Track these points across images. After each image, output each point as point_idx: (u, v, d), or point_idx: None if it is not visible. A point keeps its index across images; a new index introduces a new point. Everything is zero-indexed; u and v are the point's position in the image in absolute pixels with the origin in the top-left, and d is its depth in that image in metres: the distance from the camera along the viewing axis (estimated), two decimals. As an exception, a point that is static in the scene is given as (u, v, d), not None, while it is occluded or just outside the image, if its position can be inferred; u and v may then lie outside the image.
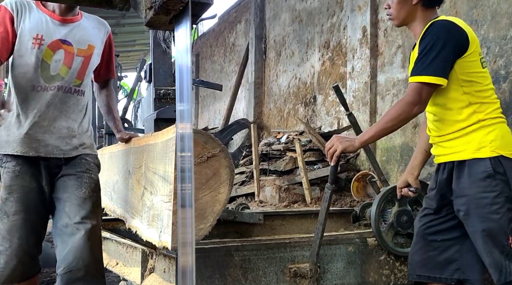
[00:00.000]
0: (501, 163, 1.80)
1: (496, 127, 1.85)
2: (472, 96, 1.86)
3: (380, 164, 3.96)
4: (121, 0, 1.20)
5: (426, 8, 1.95)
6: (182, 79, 1.10)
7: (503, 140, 1.84)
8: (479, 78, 1.87)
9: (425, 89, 1.80)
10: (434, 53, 1.80)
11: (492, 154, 1.81)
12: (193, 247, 1.07)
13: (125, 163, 2.34)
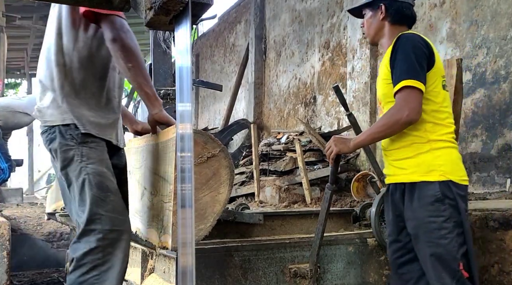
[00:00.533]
0: (450, 188, 1.78)
1: (446, 152, 1.83)
2: (426, 114, 1.82)
3: (380, 165, 3.96)
4: (121, 1, 1.20)
5: (393, 24, 1.95)
6: (182, 79, 1.10)
7: (453, 166, 1.82)
8: (437, 97, 1.85)
9: (411, 93, 1.76)
10: (410, 61, 1.78)
11: (440, 178, 1.79)
12: (193, 247, 1.07)
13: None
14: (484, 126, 3.71)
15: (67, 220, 4.42)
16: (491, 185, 3.62)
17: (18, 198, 7.28)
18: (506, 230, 2.59)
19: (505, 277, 2.57)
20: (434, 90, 1.84)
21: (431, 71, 1.83)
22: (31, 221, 6.08)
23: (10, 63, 11.64)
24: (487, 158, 3.67)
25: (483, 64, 3.76)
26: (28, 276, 5.59)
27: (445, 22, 4.10)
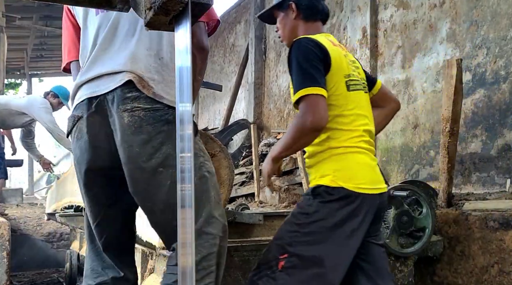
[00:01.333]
0: (332, 194, 1.68)
1: (346, 157, 1.72)
2: (329, 121, 1.69)
3: (380, 165, 3.96)
4: (121, 1, 1.20)
5: (307, 21, 1.88)
6: (182, 79, 1.10)
7: (349, 171, 1.70)
8: (339, 101, 1.73)
9: (311, 100, 1.64)
10: (304, 68, 1.68)
11: (331, 184, 1.69)
12: (193, 247, 1.07)
13: None
14: (484, 126, 3.71)
15: (67, 220, 4.43)
16: (491, 185, 3.62)
17: (18, 198, 7.28)
18: (506, 230, 2.59)
19: (505, 277, 2.57)
20: (334, 94, 1.72)
21: (329, 74, 1.72)
22: (31, 221, 6.09)
23: (10, 64, 11.65)
24: (487, 158, 3.67)
25: (483, 65, 3.76)
26: (28, 276, 5.59)
27: (445, 22, 4.10)
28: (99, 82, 1.58)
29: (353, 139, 1.74)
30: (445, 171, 2.98)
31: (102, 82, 1.58)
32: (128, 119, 1.50)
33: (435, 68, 4.20)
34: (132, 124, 1.50)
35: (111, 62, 1.59)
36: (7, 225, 3.80)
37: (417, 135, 4.37)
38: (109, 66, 1.59)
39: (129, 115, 1.50)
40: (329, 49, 1.73)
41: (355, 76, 1.81)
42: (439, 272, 2.90)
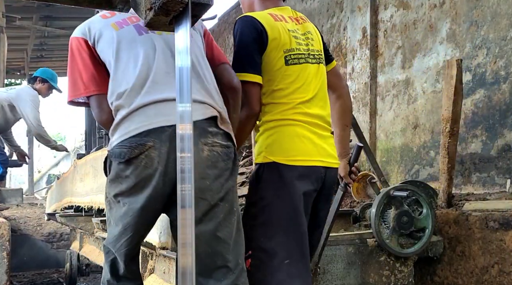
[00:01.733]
0: (272, 170, 1.69)
1: (278, 130, 1.73)
2: (266, 96, 1.74)
3: (380, 165, 3.96)
4: (121, 1, 1.20)
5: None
6: (182, 80, 1.10)
7: (281, 145, 1.71)
8: (278, 76, 1.75)
9: (245, 87, 1.71)
10: (241, 51, 1.76)
11: (264, 160, 1.71)
12: (193, 248, 1.08)
13: None
14: (484, 126, 3.71)
15: (67, 220, 4.43)
16: (491, 185, 3.62)
17: (18, 198, 7.27)
18: (506, 230, 2.59)
19: (505, 277, 2.57)
20: (273, 69, 1.75)
21: (266, 52, 1.75)
22: (31, 221, 6.09)
23: (10, 64, 11.65)
24: (487, 158, 3.67)
25: (483, 65, 3.76)
26: (28, 276, 5.59)
27: (445, 22, 4.10)
28: (168, 110, 1.51)
29: (286, 111, 1.74)
30: (445, 171, 2.98)
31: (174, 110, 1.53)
32: (207, 153, 1.54)
33: (435, 69, 4.20)
34: (210, 159, 1.54)
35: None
36: (7, 225, 3.80)
37: (417, 135, 4.37)
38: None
39: (209, 149, 1.54)
40: (267, 27, 1.76)
41: (300, 49, 1.81)
42: (439, 272, 2.90)
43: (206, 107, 1.57)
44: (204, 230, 1.53)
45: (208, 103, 1.58)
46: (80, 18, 9.67)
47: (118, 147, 1.53)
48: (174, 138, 1.46)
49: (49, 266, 5.93)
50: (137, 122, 1.52)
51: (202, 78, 1.64)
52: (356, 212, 2.91)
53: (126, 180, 1.53)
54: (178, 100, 1.10)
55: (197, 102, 1.56)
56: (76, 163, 4.05)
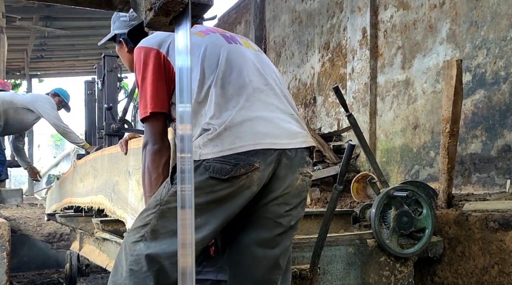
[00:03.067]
0: None
1: None
2: None
3: (380, 165, 3.96)
4: (121, 1, 1.20)
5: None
6: (182, 80, 1.10)
7: None
8: None
9: None
10: None
11: None
12: (192, 248, 1.07)
13: (125, 164, 2.34)
14: (484, 127, 3.71)
15: (67, 221, 4.42)
16: (491, 186, 3.62)
17: (18, 199, 7.27)
18: (506, 231, 2.58)
19: (505, 278, 2.57)
20: None
21: None
22: (31, 221, 6.08)
23: (10, 64, 11.65)
24: (487, 159, 3.67)
25: (483, 65, 3.76)
26: (28, 277, 5.59)
27: (445, 23, 4.11)
28: (277, 130, 1.49)
29: None
30: (445, 171, 2.97)
31: (281, 132, 1.50)
32: (299, 182, 1.55)
33: (435, 69, 4.20)
34: (300, 188, 1.56)
35: (283, 112, 1.55)
36: (7, 226, 3.80)
37: (417, 135, 4.37)
38: (285, 118, 1.54)
39: (302, 179, 1.56)
40: None
41: None
42: (439, 272, 2.90)
43: (305, 135, 1.58)
44: (270, 255, 1.55)
45: (306, 131, 1.60)
46: (80, 19, 9.68)
47: (219, 162, 1.42)
48: (276, 162, 1.48)
49: (49, 267, 5.93)
50: (244, 139, 1.44)
51: (292, 103, 1.64)
52: (356, 213, 2.91)
53: (208, 195, 1.45)
54: (178, 100, 1.10)
55: (297, 128, 1.56)
56: (75, 164, 4.05)
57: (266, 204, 1.53)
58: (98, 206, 2.91)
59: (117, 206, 2.44)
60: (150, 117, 1.57)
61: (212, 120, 1.47)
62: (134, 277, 1.47)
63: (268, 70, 1.65)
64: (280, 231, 1.55)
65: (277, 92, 1.59)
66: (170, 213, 1.46)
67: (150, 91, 1.56)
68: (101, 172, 2.95)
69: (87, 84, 5.53)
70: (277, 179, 1.51)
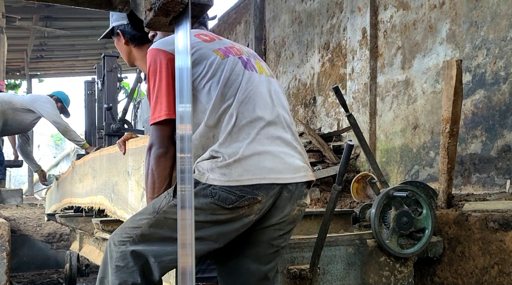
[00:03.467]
0: None
1: None
2: None
3: (380, 165, 3.96)
4: (121, 2, 1.20)
5: (138, 46, 2.03)
6: (182, 80, 1.10)
7: None
8: None
9: None
10: None
11: None
12: (192, 248, 1.07)
13: (124, 164, 2.34)
14: (484, 127, 3.71)
15: (66, 221, 4.43)
16: (491, 186, 3.62)
17: (18, 199, 7.27)
18: (506, 231, 2.58)
19: (505, 278, 2.57)
20: None
21: None
22: (30, 222, 6.08)
23: (10, 64, 11.65)
24: (487, 159, 3.67)
25: (482, 65, 3.76)
26: (27, 277, 5.59)
27: (445, 23, 4.11)
28: (282, 165, 1.57)
29: None
30: (445, 172, 2.98)
31: (285, 168, 1.57)
32: (296, 213, 1.66)
33: (435, 69, 4.21)
34: (295, 217, 1.67)
35: (288, 146, 1.63)
36: (7, 226, 3.80)
37: (417, 135, 4.37)
38: (290, 152, 1.62)
39: (299, 209, 1.66)
40: None
41: None
42: (439, 273, 2.90)
43: (306, 170, 1.67)
44: (262, 269, 1.67)
45: (307, 165, 1.69)
46: (80, 19, 9.68)
47: (225, 192, 1.49)
48: (277, 195, 1.57)
49: (48, 267, 5.93)
50: (252, 172, 1.51)
51: (295, 132, 1.71)
52: (356, 213, 2.91)
53: (208, 216, 1.51)
54: (178, 101, 1.10)
55: (300, 162, 1.65)
56: (74, 164, 4.06)
57: (263, 229, 1.64)
58: (99, 206, 2.91)
59: (118, 207, 2.44)
60: (162, 121, 1.59)
61: (222, 148, 1.53)
62: (121, 273, 1.51)
63: (279, 100, 1.72)
64: (273, 251, 1.67)
65: (285, 125, 1.67)
66: (166, 224, 1.52)
67: (166, 96, 1.57)
68: (100, 172, 2.95)
69: (87, 84, 5.54)
70: (276, 209, 1.61)
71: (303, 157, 1.69)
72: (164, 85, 1.57)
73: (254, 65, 1.73)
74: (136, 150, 2.13)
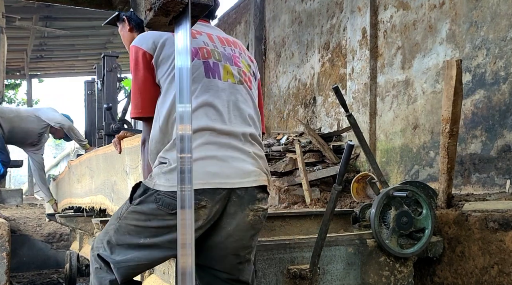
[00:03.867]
0: None
1: None
2: None
3: (380, 165, 3.96)
4: (121, 2, 1.20)
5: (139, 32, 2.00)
6: (182, 80, 1.10)
7: None
8: None
9: None
10: None
11: None
12: (192, 248, 1.07)
13: (121, 164, 2.34)
14: (484, 127, 3.71)
15: (66, 221, 4.43)
16: (491, 186, 3.62)
17: (18, 199, 7.28)
18: (506, 231, 2.58)
19: (505, 278, 2.57)
20: None
21: None
22: (30, 222, 6.08)
23: (10, 64, 11.64)
24: (487, 159, 3.67)
25: (482, 65, 3.76)
26: (27, 277, 5.59)
27: (445, 23, 4.11)
28: (229, 169, 1.55)
29: None
30: (445, 171, 2.97)
31: (232, 172, 1.56)
32: (251, 218, 1.63)
33: (435, 69, 4.21)
34: (252, 223, 1.63)
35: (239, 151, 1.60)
36: (7, 226, 3.80)
37: (417, 135, 4.37)
38: (240, 156, 1.60)
39: (254, 215, 1.63)
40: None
41: None
42: (439, 273, 2.90)
43: (258, 174, 1.63)
44: (232, 278, 1.67)
45: (260, 170, 1.65)
46: (80, 19, 9.68)
47: (169, 197, 1.50)
48: (225, 199, 1.55)
49: (48, 267, 5.93)
50: (195, 177, 1.45)
51: (256, 138, 1.68)
52: (356, 213, 2.91)
53: (160, 221, 1.53)
54: (178, 101, 1.10)
55: (251, 166, 1.62)
56: (70, 164, 4.06)
57: (224, 241, 1.62)
58: (100, 206, 2.92)
59: (119, 206, 2.44)
60: (148, 118, 1.63)
61: (167, 153, 1.54)
62: (98, 273, 1.61)
63: (237, 109, 1.65)
64: (241, 261, 1.67)
65: (239, 134, 1.62)
66: (126, 230, 1.57)
67: (140, 93, 1.61)
68: (98, 172, 2.95)
69: (87, 84, 5.53)
70: (227, 216, 1.60)
71: (257, 162, 1.65)
72: (140, 82, 1.60)
73: (220, 70, 1.66)
74: (132, 149, 2.13)
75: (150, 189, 1.55)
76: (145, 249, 1.55)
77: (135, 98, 1.63)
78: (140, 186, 1.60)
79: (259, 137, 1.71)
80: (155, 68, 1.60)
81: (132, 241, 1.56)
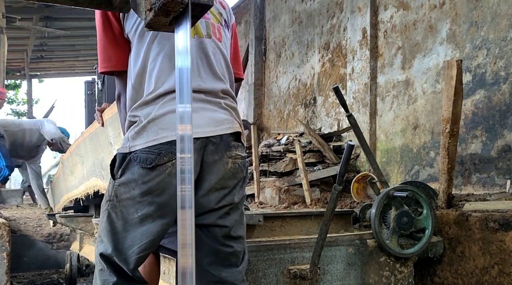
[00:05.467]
0: None
1: None
2: None
3: (380, 165, 3.96)
4: (121, 2, 1.20)
5: None
6: (182, 80, 1.10)
7: None
8: None
9: None
10: None
11: None
12: (193, 248, 1.07)
13: (105, 137, 2.34)
14: (484, 127, 3.71)
15: (66, 221, 4.42)
16: (491, 186, 3.62)
17: (18, 199, 7.28)
18: (506, 231, 2.58)
19: (505, 278, 2.57)
20: None
21: None
22: (31, 222, 6.09)
23: (10, 64, 11.65)
24: (487, 159, 3.67)
25: (483, 65, 3.76)
26: (28, 277, 5.59)
27: (445, 23, 4.11)
28: (201, 119, 1.55)
29: None
30: (445, 172, 2.97)
31: (205, 122, 1.56)
32: (230, 166, 1.62)
33: (435, 69, 4.20)
34: (232, 170, 1.62)
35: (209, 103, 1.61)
36: (7, 226, 3.80)
37: (417, 136, 4.37)
38: (211, 107, 1.61)
39: (233, 162, 1.63)
40: None
41: None
42: (439, 273, 2.90)
43: (231, 122, 1.65)
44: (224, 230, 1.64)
45: (233, 118, 1.66)
46: (80, 19, 9.68)
47: (144, 153, 1.51)
48: (201, 150, 1.55)
49: (49, 267, 5.93)
50: (167, 130, 1.51)
51: (228, 89, 1.69)
52: (356, 213, 2.91)
53: (141, 186, 1.52)
54: (178, 101, 1.10)
55: (224, 115, 1.63)
56: (62, 159, 4.07)
57: (205, 195, 1.59)
58: (93, 189, 2.92)
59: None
60: (120, 72, 1.65)
61: (137, 111, 1.55)
62: (102, 275, 1.60)
63: (207, 62, 1.66)
64: (224, 212, 1.63)
65: (210, 89, 1.63)
66: (119, 207, 1.55)
67: (103, 49, 1.63)
68: (87, 156, 2.96)
69: (87, 84, 5.53)
70: (208, 166, 1.58)
71: (229, 111, 1.66)
72: (110, 35, 1.61)
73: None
74: (113, 118, 2.11)
75: (127, 155, 1.54)
76: (139, 226, 1.53)
77: (106, 51, 1.62)
78: (116, 157, 1.59)
79: (231, 91, 1.72)
80: (123, 22, 1.61)
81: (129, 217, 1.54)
